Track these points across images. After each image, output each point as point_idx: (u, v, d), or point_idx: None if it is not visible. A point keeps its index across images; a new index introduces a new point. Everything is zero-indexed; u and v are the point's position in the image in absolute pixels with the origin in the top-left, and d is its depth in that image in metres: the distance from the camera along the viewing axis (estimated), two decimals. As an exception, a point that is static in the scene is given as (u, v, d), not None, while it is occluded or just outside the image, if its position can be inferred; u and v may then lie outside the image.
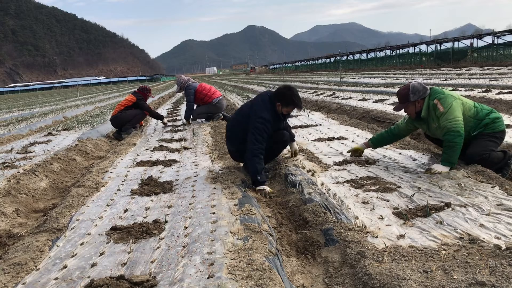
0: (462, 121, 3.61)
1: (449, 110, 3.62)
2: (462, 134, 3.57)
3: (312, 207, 2.88)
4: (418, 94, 3.78)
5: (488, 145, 3.63)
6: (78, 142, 6.55)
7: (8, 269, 2.24)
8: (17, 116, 14.06)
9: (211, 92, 8.32)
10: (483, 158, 3.55)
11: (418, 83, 3.86)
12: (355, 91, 13.71)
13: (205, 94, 8.26)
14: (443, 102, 3.66)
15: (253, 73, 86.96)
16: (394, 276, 1.85)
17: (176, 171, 4.35)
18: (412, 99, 3.80)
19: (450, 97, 3.70)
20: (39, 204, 3.97)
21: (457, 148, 3.56)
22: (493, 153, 3.60)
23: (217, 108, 8.40)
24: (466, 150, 3.67)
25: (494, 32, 33.70)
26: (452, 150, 3.56)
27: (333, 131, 6.14)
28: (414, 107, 3.85)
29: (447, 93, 3.76)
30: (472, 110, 3.72)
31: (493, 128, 3.68)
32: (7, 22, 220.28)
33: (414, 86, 3.83)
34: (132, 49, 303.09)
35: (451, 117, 3.60)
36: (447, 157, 3.59)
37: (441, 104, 3.66)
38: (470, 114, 3.70)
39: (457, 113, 3.61)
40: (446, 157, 3.59)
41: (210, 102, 8.28)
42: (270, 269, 1.97)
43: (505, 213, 2.53)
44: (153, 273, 2.07)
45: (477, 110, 3.73)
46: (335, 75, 29.79)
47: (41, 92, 71.23)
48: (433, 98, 3.74)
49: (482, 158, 3.55)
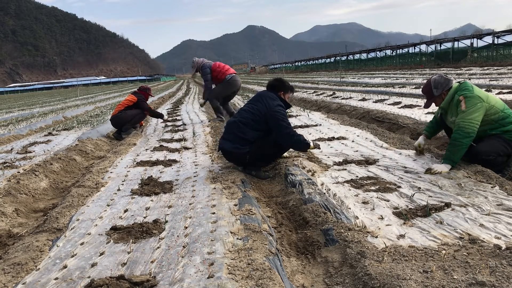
0: (477, 123, 3.52)
1: (469, 111, 3.53)
2: (472, 136, 3.51)
3: (312, 207, 2.88)
4: (442, 87, 3.79)
5: (498, 148, 3.57)
6: (78, 142, 6.55)
7: (8, 269, 2.24)
8: (17, 116, 14.06)
9: (225, 69, 8.29)
10: (488, 160, 3.52)
11: (439, 76, 3.85)
12: (355, 91, 13.72)
13: (219, 71, 8.25)
14: (468, 101, 3.57)
15: (253, 73, 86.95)
16: (394, 276, 1.85)
17: (176, 171, 4.35)
18: (436, 94, 3.82)
19: (477, 98, 3.58)
20: (39, 204, 3.97)
21: (462, 148, 3.51)
22: (499, 157, 3.57)
23: (230, 85, 8.26)
24: (475, 145, 3.62)
25: (494, 32, 33.70)
26: (457, 149, 3.51)
27: (333, 131, 6.14)
28: (441, 99, 3.85)
29: (476, 93, 3.63)
30: (497, 115, 3.62)
31: (510, 136, 3.59)
32: (7, 22, 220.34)
33: (435, 80, 3.82)
34: (132, 49, 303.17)
35: (468, 117, 3.52)
36: (450, 154, 3.55)
37: (465, 103, 3.58)
38: (494, 118, 3.62)
39: (476, 115, 3.52)
40: (449, 154, 3.56)
41: (224, 79, 8.19)
42: (270, 269, 1.97)
43: (505, 213, 2.53)
44: (153, 273, 2.07)
45: (503, 116, 3.62)
46: (335, 75, 29.79)
47: (41, 92, 71.23)
48: (460, 94, 3.65)
49: (488, 159, 3.52)
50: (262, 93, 4.28)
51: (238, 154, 4.08)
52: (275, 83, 4.34)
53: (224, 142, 4.18)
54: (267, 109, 4.05)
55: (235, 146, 4.07)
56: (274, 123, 4.01)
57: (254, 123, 4.07)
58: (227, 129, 4.23)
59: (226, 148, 4.15)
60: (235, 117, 4.23)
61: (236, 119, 4.18)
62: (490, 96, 3.71)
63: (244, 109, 4.24)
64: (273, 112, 4.01)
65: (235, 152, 4.09)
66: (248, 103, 4.30)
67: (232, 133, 4.12)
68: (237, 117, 4.21)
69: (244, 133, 4.05)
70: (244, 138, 4.05)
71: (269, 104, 4.06)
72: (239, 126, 4.10)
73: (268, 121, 4.05)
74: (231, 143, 4.11)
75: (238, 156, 4.11)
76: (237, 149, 4.06)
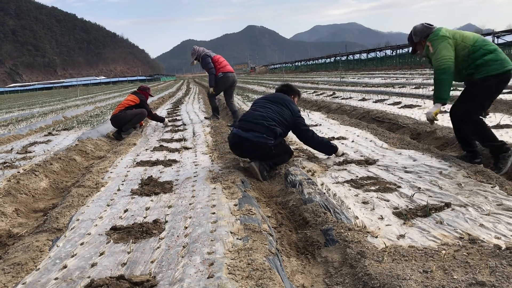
0: (449, 58, 3.66)
1: (436, 51, 3.72)
2: (448, 70, 3.65)
3: (312, 207, 2.88)
4: (420, 34, 3.93)
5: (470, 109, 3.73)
6: (78, 142, 6.55)
7: (8, 269, 2.24)
8: (17, 116, 14.05)
9: (221, 66, 8.14)
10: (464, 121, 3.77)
11: (421, 24, 3.99)
12: (355, 91, 13.72)
13: (216, 66, 8.11)
14: (433, 43, 3.77)
15: (253, 73, 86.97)
16: (394, 276, 1.85)
17: (176, 171, 4.35)
18: (416, 40, 3.98)
19: (442, 37, 3.74)
20: (39, 204, 3.97)
21: (444, 84, 3.71)
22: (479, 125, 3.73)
23: (222, 82, 8.13)
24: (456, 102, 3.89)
25: (494, 32, 33.73)
26: (439, 86, 3.74)
27: (333, 131, 6.14)
28: (421, 46, 3.98)
29: (440, 35, 3.77)
30: (466, 50, 3.71)
31: (484, 72, 3.62)
32: (7, 22, 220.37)
33: (415, 27, 4.00)
34: (132, 49, 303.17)
35: (438, 56, 3.70)
36: (436, 93, 3.79)
37: (432, 46, 3.79)
38: (464, 53, 3.71)
39: (444, 51, 3.67)
40: (436, 94, 3.80)
41: (217, 76, 8.10)
42: (270, 269, 1.97)
43: (505, 213, 2.53)
44: (153, 273, 2.07)
45: (473, 50, 3.69)
46: (335, 75, 29.79)
47: (41, 92, 71.20)
48: (428, 39, 3.86)
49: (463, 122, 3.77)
50: (282, 96, 4.46)
51: (264, 145, 4.02)
52: (285, 88, 4.65)
53: (244, 133, 4.09)
54: (291, 113, 4.27)
55: (263, 136, 4.02)
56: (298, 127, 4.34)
57: (281, 119, 4.17)
58: (251, 120, 4.16)
59: (250, 138, 4.04)
60: (257, 111, 4.26)
61: (261, 112, 4.19)
62: (458, 32, 3.85)
63: (268, 106, 4.27)
64: (297, 118, 4.31)
65: (261, 142, 4.01)
66: (267, 101, 4.36)
67: (259, 124, 4.07)
68: (260, 111, 4.23)
69: (274, 126, 4.09)
70: (274, 131, 4.07)
71: (294, 109, 4.32)
72: (267, 118, 4.12)
73: (292, 125, 4.30)
74: (257, 133, 4.03)
75: (263, 147, 4.03)
76: (265, 139, 4.02)
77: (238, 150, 4.26)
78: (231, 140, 4.27)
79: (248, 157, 4.27)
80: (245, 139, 4.07)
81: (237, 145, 4.20)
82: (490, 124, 5.46)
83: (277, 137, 4.12)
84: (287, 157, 4.33)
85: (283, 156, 4.30)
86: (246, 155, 4.30)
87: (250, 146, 4.08)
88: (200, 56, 8.24)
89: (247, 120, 4.22)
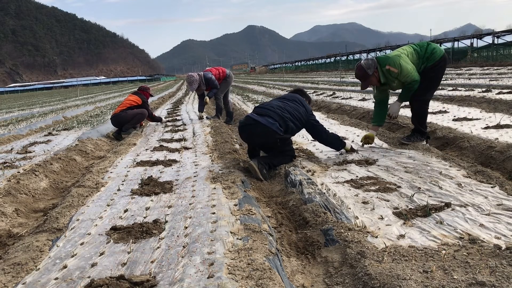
0: (413, 70, 4.42)
1: (401, 69, 4.36)
2: (417, 79, 4.44)
3: (312, 207, 2.88)
4: (372, 67, 4.51)
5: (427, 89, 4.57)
6: (78, 142, 6.55)
7: (8, 269, 2.24)
8: (17, 116, 14.05)
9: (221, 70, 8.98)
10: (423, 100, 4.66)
11: (365, 60, 4.62)
12: (355, 91, 13.71)
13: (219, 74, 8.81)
14: (393, 65, 4.39)
15: (253, 73, 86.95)
16: (394, 276, 1.85)
17: (176, 171, 4.35)
18: (370, 73, 4.52)
19: (396, 57, 4.42)
20: (39, 204, 3.97)
21: (412, 91, 4.53)
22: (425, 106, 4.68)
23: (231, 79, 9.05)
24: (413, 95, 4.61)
25: (494, 32, 33.70)
26: (410, 91, 4.53)
27: (333, 131, 6.13)
28: (374, 78, 4.56)
29: (392, 57, 4.47)
30: (414, 55, 4.51)
31: (433, 59, 4.48)
32: (7, 22, 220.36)
33: (365, 63, 4.55)
34: (132, 49, 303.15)
35: (405, 73, 4.38)
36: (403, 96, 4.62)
37: (392, 67, 4.39)
38: (415, 58, 4.51)
39: (408, 67, 4.39)
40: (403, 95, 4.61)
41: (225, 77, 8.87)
42: (270, 269, 1.97)
43: (505, 213, 2.53)
44: (153, 273, 2.07)
45: (417, 52, 4.53)
46: (335, 75, 29.79)
47: (41, 92, 71.21)
48: (384, 65, 4.45)
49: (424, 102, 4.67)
50: (297, 96, 4.65)
51: (273, 133, 4.08)
52: (299, 92, 4.87)
53: (258, 117, 4.16)
54: (306, 112, 4.44)
55: (275, 124, 4.09)
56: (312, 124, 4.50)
57: (296, 114, 4.30)
58: (267, 107, 4.31)
59: (262, 122, 4.10)
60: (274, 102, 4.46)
61: (279, 104, 4.37)
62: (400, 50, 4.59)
63: (285, 102, 4.43)
64: (311, 115, 4.50)
65: (272, 129, 4.07)
66: (284, 99, 4.54)
67: (275, 112, 4.19)
68: (277, 103, 4.40)
69: (288, 119, 4.19)
70: (286, 123, 4.16)
71: (307, 107, 4.52)
72: (283, 109, 4.25)
73: (306, 122, 4.44)
74: (271, 119, 4.11)
75: (271, 135, 4.09)
76: (276, 128, 4.08)
77: (246, 133, 4.31)
78: (243, 121, 4.33)
79: (253, 143, 4.40)
80: (258, 122, 4.13)
81: (247, 127, 4.24)
82: (490, 124, 5.49)
83: (287, 131, 4.21)
84: (288, 159, 4.32)
85: (284, 157, 4.29)
86: (252, 140, 4.38)
87: (259, 130, 4.12)
88: (204, 79, 8.57)
89: (263, 107, 4.37)
